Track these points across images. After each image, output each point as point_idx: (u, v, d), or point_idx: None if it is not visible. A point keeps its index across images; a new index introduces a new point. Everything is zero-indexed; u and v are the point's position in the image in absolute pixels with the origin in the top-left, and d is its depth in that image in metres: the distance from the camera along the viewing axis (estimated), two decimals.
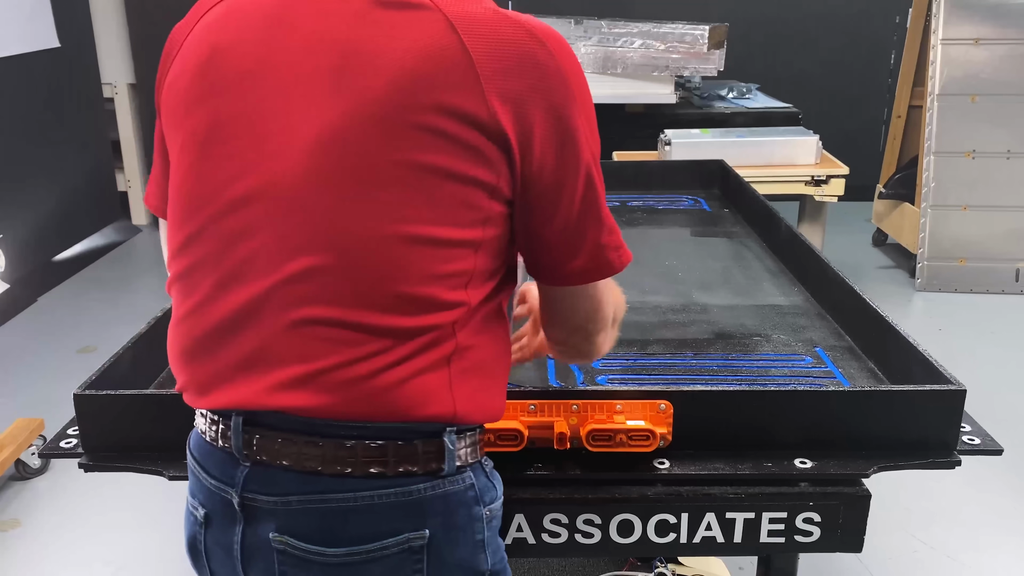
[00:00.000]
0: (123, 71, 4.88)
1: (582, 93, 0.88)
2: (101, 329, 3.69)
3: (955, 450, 1.23)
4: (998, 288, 4.09)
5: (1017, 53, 4.01)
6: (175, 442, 1.22)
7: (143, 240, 4.98)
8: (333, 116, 0.83)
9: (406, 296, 0.85)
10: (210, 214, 0.89)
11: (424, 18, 0.84)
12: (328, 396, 0.85)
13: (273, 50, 0.87)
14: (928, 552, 2.32)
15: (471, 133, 0.83)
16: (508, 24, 0.85)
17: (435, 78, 0.82)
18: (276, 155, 0.85)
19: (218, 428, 0.92)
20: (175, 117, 0.93)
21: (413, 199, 0.84)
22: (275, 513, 0.90)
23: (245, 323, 0.87)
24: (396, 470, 0.88)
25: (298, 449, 0.88)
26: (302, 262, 0.84)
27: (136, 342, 1.41)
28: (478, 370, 0.92)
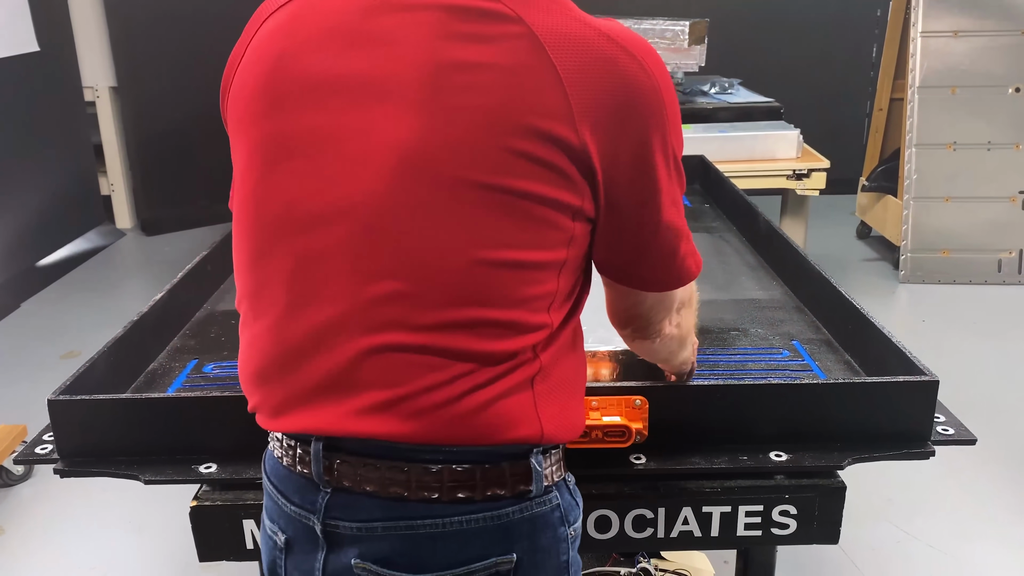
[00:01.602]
0: (104, 74, 4.85)
1: (672, 109, 0.85)
2: (85, 334, 3.67)
3: (929, 440, 1.24)
4: (980, 279, 4.11)
5: (995, 45, 4.03)
6: (151, 446, 1.22)
7: (127, 244, 4.96)
8: (417, 135, 0.80)
9: (490, 320, 0.83)
10: (282, 231, 0.86)
11: (509, 32, 0.80)
12: (413, 421, 0.83)
13: (347, 61, 0.83)
14: (911, 542, 2.33)
15: (559, 156, 0.80)
16: (599, 38, 0.81)
17: (523, 100, 0.79)
18: (357, 174, 0.82)
19: (295, 453, 0.90)
20: (241, 126, 0.90)
21: (499, 223, 0.81)
22: (359, 539, 0.88)
23: (323, 346, 0.84)
24: (484, 494, 0.86)
25: (382, 475, 0.85)
26: (384, 286, 0.82)
27: (112, 346, 1.40)
28: (561, 388, 0.90)
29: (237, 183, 0.92)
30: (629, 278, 0.95)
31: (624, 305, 1.00)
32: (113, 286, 4.35)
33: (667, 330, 1.04)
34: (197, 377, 1.49)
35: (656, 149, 0.85)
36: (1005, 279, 4.11)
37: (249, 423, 1.22)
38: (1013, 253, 4.10)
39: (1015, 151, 4.06)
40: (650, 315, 1.01)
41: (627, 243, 0.90)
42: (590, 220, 0.87)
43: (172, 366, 1.54)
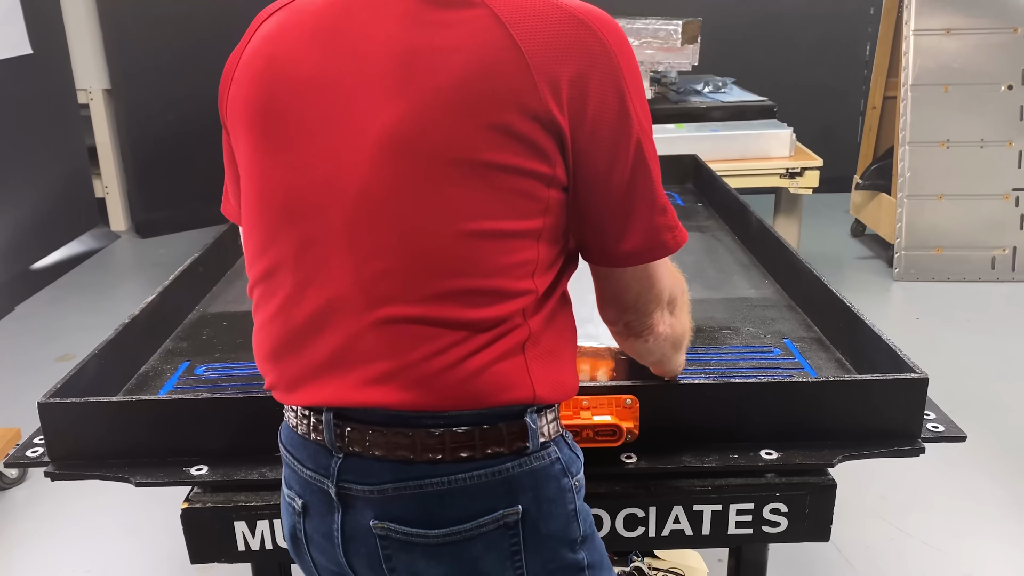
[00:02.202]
0: (98, 76, 4.85)
1: (631, 72, 0.89)
2: (80, 337, 3.67)
3: (919, 437, 1.24)
4: (974, 276, 4.12)
5: (988, 43, 4.04)
6: (142, 448, 1.22)
7: (121, 246, 4.96)
8: (396, 119, 0.86)
9: (478, 289, 0.88)
10: (284, 219, 0.92)
11: (471, 16, 0.86)
12: (413, 390, 0.89)
13: (330, 57, 0.90)
14: (905, 539, 2.34)
15: (528, 127, 0.85)
16: (553, 11, 0.87)
17: (489, 76, 0.85)
18: (344, 160, 0.88)
19: (309, 422, 0.96)
20: (240, 128, 0.97)
21: (478, 196, 0.87)
22: (372, 501, 0.93)
23: (327, 323, 0.91)
24: (484, 452, 0.92)
25: (388, 439, 0.91)
26: (377, 264, 0.88)
27: (103, 349, 1.40)
28: (551, 353, 0.95)
29: (244, 178, 0.98)
30: (606, 252, 0.96)
31: (611, 294, 1.02)
32: (108, 288, 4.34)
33: (660, 328, 1.06)
34: (189, 379, 1.49)
35: (618, 109, 0.88)
36: (999, 276, 4.12)
37: (239, 425, 1.23)
38: (1006, 250, 4.11)
39: (1008, 148, 4.06)
40: (638, 304, 1.02)
41: (599, 206, 0.92)
42: (564, 189, 0.91)
43: (164, 368, 1.54)
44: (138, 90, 4.83)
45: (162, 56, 4.78)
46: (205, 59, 4.94)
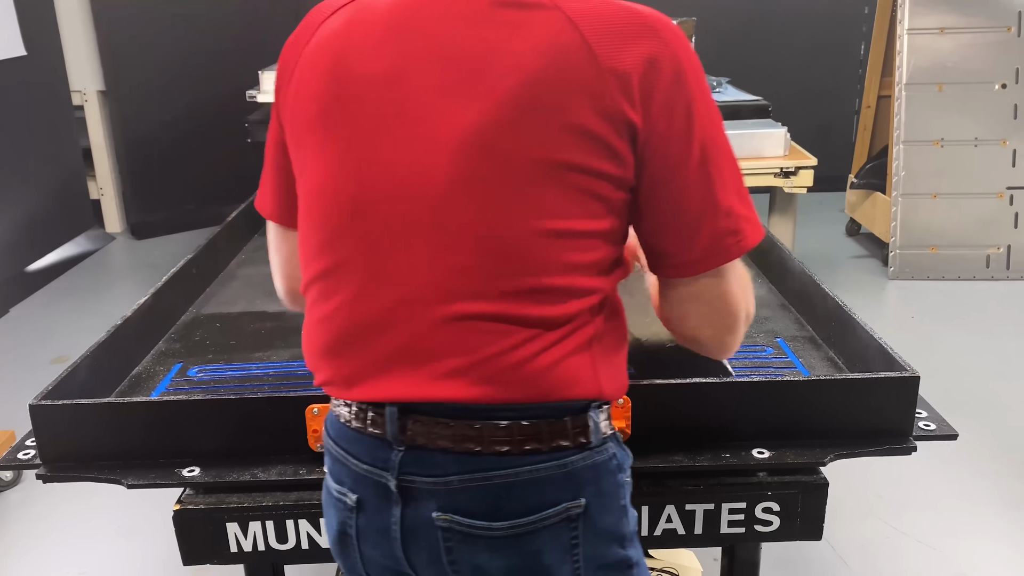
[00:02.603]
0: (92, 78, 4.84)
1: (696, 76, 0.91)
2: (75, 339, 3.65)
3: (911, 436, 1.24)
4: (969, 275, 4.13)
5: (981, 42, 4.05)
6: (134, 450, 1.22)
7: (117, 248, 4.95)
8: (472, 118, 0.87)
9: (551, 287, 0.89)
10: (354, 216, 0.92)
11: (545, 18, 0.87)
12: (484, 384, 0.89)
13: (402, 55, 0.91)
14: (900, 538, 2.34)
15: (602, 126, 0.86)
16: (624, 14, 0.89)
17: (564, 77, 0.86)
18: (419, 158, 0.89)
19: (367, 416, 0.96)
20: (304, 124, 0.96)
21: (554, 195, 0.88)
22: (435, 493, 0.93)
23: (396, 318, 0.91)
24: (551, 445, 0.92)
25: (454, 432, 0.92)
26: (454, 259, 0.89)
27: (95, 351, 1.40)
28: (612, 350, 0.97)
29: (305, 175, 0.98)
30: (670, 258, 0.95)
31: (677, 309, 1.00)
32: (103, 290, 4.33)
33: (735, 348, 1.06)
34: (181, 381, 1.49)
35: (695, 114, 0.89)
36: (993, 275, 4.13)
37: (231, 427, 1.23)
38: (1001, 249, 4.12)
39: (1002, 147, 4.07)
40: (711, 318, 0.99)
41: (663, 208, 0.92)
42: (630, 190, 0.92)
43: (156, 370, 1.54)
44: (133, 91, 4.82)
45: (156, 57, 4.78)
46: (199, 60, 4.95)
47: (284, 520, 1.21)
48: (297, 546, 1.23)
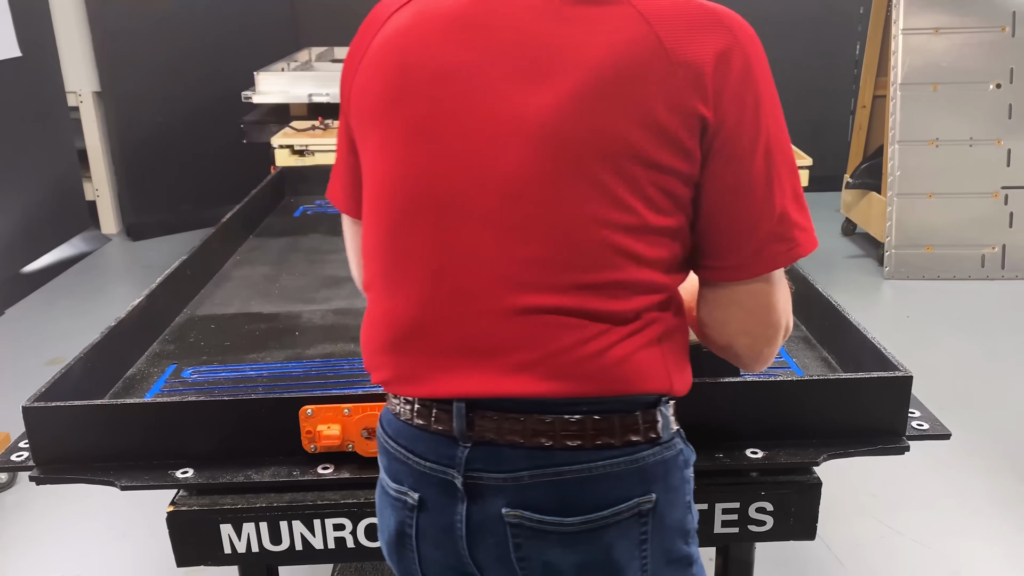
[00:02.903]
0: (87, 79, 4.84)
1: (765, 75, 0.90)
2: (70, 340, 3.64)
3: (904, 436, 1.24)
4: (964, 274, 4.13)
5: (975, 41, 4.06)
6: (127, 452, 1.22)
7: (112, 249, 4.94)
8: (542, 111, 0.86)
9: (620, 282, 0.89)
10: (420, 208, 0.91)
11: (618, 13, 0.87)
12: (555, 378, 0.88)
13: (469, 49, 0.90)
14: (895, 537, 2.34)
15: (674, 122, 0.86)
16: (694, 9, 0.88)
17: (637, 71, 0.85)
18: (488, 150, 0.88)
19: (431, 413, 0.94)
20: (371, 117, 0.96)
21: (621, 190, 0.87)
22: (504, 489, 0.92)
23: (467, 312, 0.90)
24: (623, 440, 0.92)
25: (525, 426, 0.90)
26: (524, 251, 0.88)
27: (89, 352, 1.40)
28: (680, 346, 0.96)
29: (371, 168, 0.97)
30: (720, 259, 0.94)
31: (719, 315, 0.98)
32: (98, 292, 4.33)
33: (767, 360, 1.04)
34: (176, 382, 1.49)
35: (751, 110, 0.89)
36: (988, 274, 4.13)
37: (225, 428, 1.22)
38: (996, 248, 4.13)
39: (996, 147, 4.08)
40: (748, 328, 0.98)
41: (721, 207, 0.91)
42: (696, 186, 0.91)
43: (151, 371, 1.54)
44: (128, 92, 4.81)
45: (152, 58, 4.77)
46: (195, 61, 4.94)
47: (278, 521, 1.21)
48: (291, 547, 1.23)
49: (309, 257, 2.10)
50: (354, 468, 1.22)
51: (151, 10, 4.72)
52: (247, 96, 3.71)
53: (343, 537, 1.22)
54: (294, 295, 1.86)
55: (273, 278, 1.97)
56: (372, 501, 1.21)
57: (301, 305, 1.80)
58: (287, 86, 3.66)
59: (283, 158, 3.17)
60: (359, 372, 1.49)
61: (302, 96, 3.60)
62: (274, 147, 3.20)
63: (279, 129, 3.40)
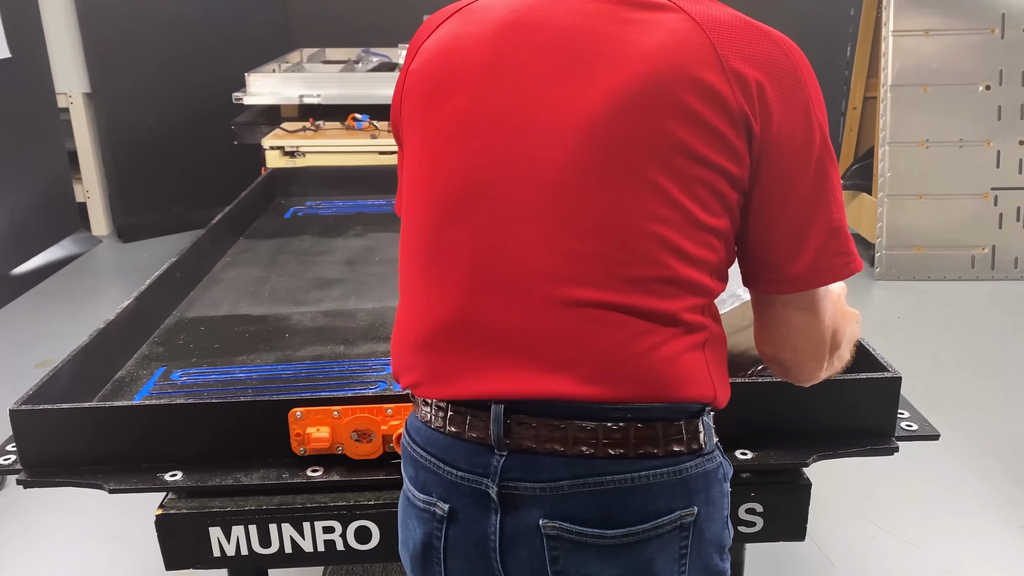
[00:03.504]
0: (78, 80, 4.81)
1: (815, 91, 0.91)
2: (60, 343, 3.60)
3: (893, 436, 1.25)
4: (955, 275, 4.15)
5: (965, 43, 4.07)
6: (116, 455, 1.22)
7: (103, 251, 4.92)
8: (589, 104, 0.86)
9: (667, 278, 0.87)
10: (464, 201, 0.90)
11: (672, 18, 0.88)
12: (600, 379, 0.86)
13: (516, 47, 0.91)
14: (886, 537, 2.35)
15: (719, 117, 0.86)
16: (746, 24, 0.90)
17: (687, 69, 0.86)
18: (536, 144, 0.88)
19: (465, 419, 0.91)
20: (416, 118, 0.96)
21: (673, 184, 0.86)
22: (541, 500, 0.89)
23: (507, 308, 0.88)
24: (667, 450, 0.89)
25: (566, 433, 0.87)
26: (567, 246, 0.86)
27: (78, 355, 1.39)
28: (721, 356, 0.94)
29: (414, 167, 0.96)
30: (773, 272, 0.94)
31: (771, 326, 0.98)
32: (89, 294, 4.30)
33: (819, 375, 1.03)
34: (165, 384, 1.48)
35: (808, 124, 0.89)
36: (978, 275, 4.15)
37: (214, 431, 1.22)
38: (986, 249, 4.14)
39: (986, 148, 4.10)
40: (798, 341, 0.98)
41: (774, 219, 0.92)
42: (744, 193, 0.91)
43: (140, 374, 1.53)
44: (119, 93, 4.79)
45: (143, 59, 4.75)
46: (186, 61, 4.92)
47: (267, 524, 1.21)
48: (280, 550, 1.22)
49: (299, 259, 2.10)
50: (343, 471, 1.22)
51: (142, 11, 4.70)
52: (238, 97, 3.70)
53: (333, 540, 1.22)
54: (284, 297, 1.85)
55: (263, 280, 1.96)
56: (362, 503, 1.21)
57: (291, 307, 1.79)
58: (278, 87, 3.65)
59: (274, 159, 3.16)
60: (349, 374, 1.49)
61: (293, 97, 3.60)
62: (265, 148, 3.19)
63: (270, 130, 3.40)
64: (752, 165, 0.89)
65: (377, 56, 4.17)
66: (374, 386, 1.43)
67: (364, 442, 1.21)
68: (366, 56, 4.21)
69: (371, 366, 1.51)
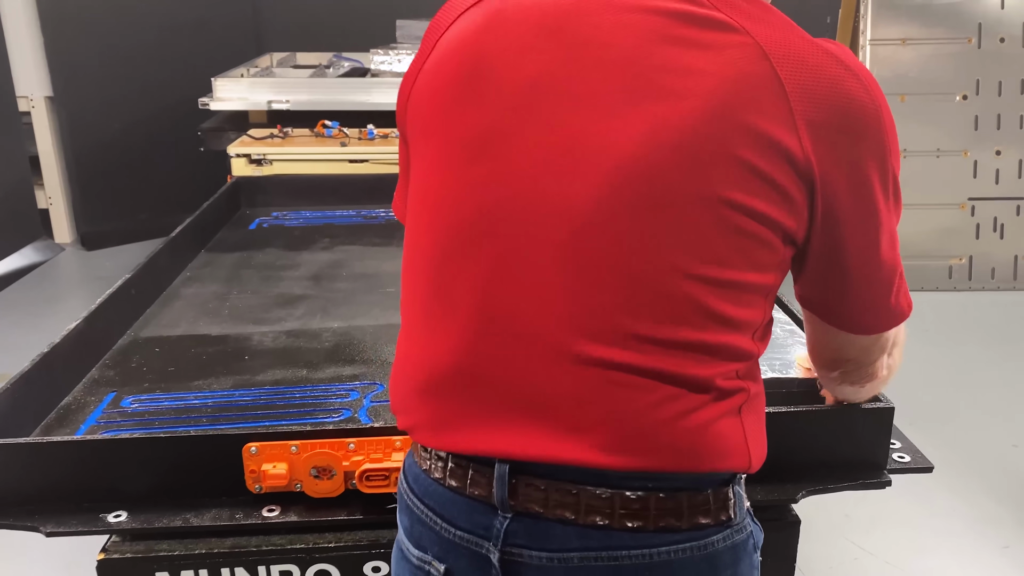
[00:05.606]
0: (39, 83, 4.68)
1: (893, 137, 0.82)
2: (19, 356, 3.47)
3: (885, 469, 1.19)
4: (932, 286, 4.13)
5: (943, 52, 4.06)
6: (54, 494, 1.13)
7: (66, 259, 4.79)
8: (633, 140, 0.76)
9: (702, 344, 0.78)
10: (475, 233, 0.80)
11: (733, 42, 0.77)
12: (618, 446, 0.77)
13: (556, 61, 0.79)
14: (868, 558, 2.30)
15: (780, 170, 0.76)
16: (824, 56, 0.78)
17: (745, 104, 0.75)
18: (564, 177, 0.78)
19: (467, 474, 0.82)
20: (429, 125, 0.85)
21: (714, 238, 0.77)
22: (548, 571, 0.80)
23: (517, 358, 0.79)
24: (692, 523, 0.81)
25: (578, 500, 0.79)
26: (588, 297, 0.77)
27: (16, 383, 1.30)
28: (759, 416, 0.86)
29: (418, 182, 0.87)
30: (837, 317, 0.89)
31: (831, 347, 0.94)
32: (51, 304, 4.18)
33: (881, 374, 0.99)
34: (114, 413, 1.39)
35: (875, 175, 0.81)
36: (956, 286, 4.13)
37: (161, 467, 1.13)
38: (963, 259, 4.13)
39: (963, 158, 4.08)
40: (862, 357, 0.95)
41: (837, 276, 0.85)
42: (796, 246, 0.82)
43: (88, 400, 1.44)
44: (82, 97, 4.66)
45: (107, 62, 4.63)
46: (152, 65, 4.81)
47: (219, 568, 1.12)
48: None
49: (262, 274, 2.01)
50: (302, 510, 1.13)
51: (106, 12, 4.58)
52: (204, 103, 3.60)
53: None
54: (245, 315, 1.76)
55: (223, 296, 1.87)
56: (322, 545, 1.14)
57: (252, 326, 1.71)
58: (246, 92, 3.56)
59: (240, 167, 3.06)
60: (311, 401, 1.40)
61: (261, 103, 3.50)
62: (230, 156, 3.09)
63: (237, 137, 3.30)
64: (814, 217, 0.80)
65: (349, 61, 4.08)
66: (337, 414, 1.35)
67: (324, 479, 1.13)
68: (337, 61, 4.12)
69: (335, 391, 1.42)
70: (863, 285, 0.86)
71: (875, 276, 0.85)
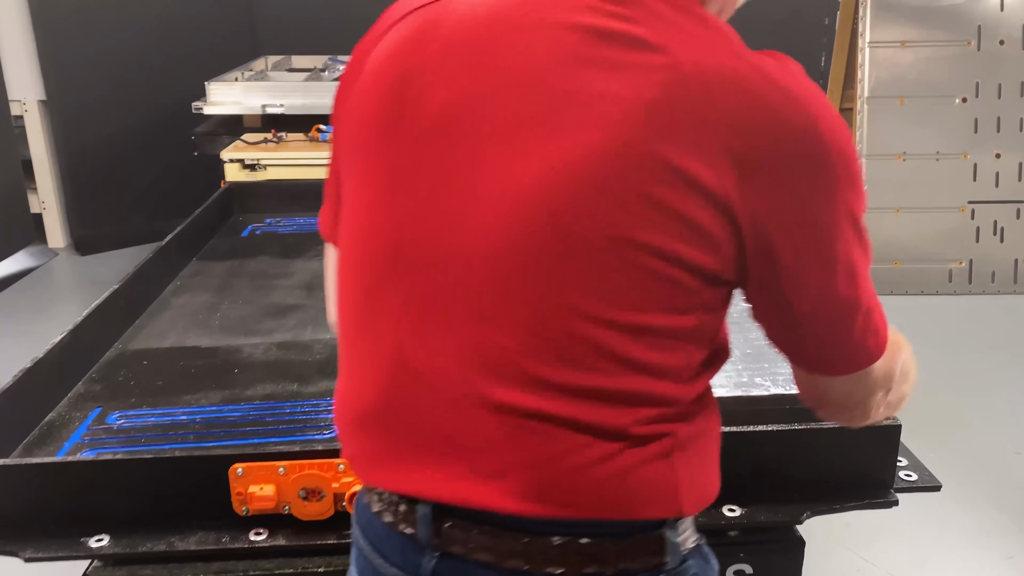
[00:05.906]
0: (32, 87, 4.64)
1: (846, 164, 0.73)
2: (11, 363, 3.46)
3: (892, 488, 1.16)
4: (932, 289, 4.10)
5: (942, 55, 4.03)
6: (34, 517, 1.09)
7: (60, 264, 4.75)
8: (534, 177, 0.72)
9: (611, 392, 0.73)
10: (392, 266, 0.78)
11: (650, 63, 0.70)
12: (533, 494, 0.74)
13: (466, 88, 0.75)
14: (870, 569, 2.27)
15: (697, 208, 0.70)
16: (756, 76, 0.70)
17: (658, 135, 0.69)
18: (476, 212, 0.74)
19: (398, 511, 0.81)
20: (357, 145, 0.82)
21: (622, 282, 0.72)
22: None
23: (432, 398, 0.76)
24: (616, 568, 0.77)
25: (498, 544, 0.77)
26: (494, 339, 0.73)
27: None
28: (701, 456, 0.80)
29: (347, 205, 0.85)
30: (796, 355, 0.83)
31: (810, 386, 0.87)
32: (44, 310, 4.14)
33: (875, 415, 0.90)
34: (99, 430, 1.36)
35: (821, 207, 0.73)
36: (956, 289, 4.10)
37: (145, 489, 1.10)
38: (963, 263, 4.10)
39: (963, 161, 4.05)
40: (843, 400, 0.87)
41: (784, 313, 0.78)
42: (728, 283, 0.76)
43: (72, 416, 1.40)
44: (75, 101, 4.62)
45: (100, 65, 4.59)
46: (146, 68, 4.77)
47: None
48: None
49: (254, 283, 1.98)
50: (290, 533, 1.10)
51: (99, 16, 4.55)
52: (198, 107, 3.56)
53: None
54: (235, 326, 1.73)
55: (214, 307, 1.84)
56: (311, 570, 1.11)
57: (242, 338, 1.67)
58: (240, 96, 3.52)
59: (233, 173, 3.03)
60: (301, 417, 1.37)
61: (255, 107, 3.46)
62: (224, 161, 3.06)
63: (231, 141, 3.26)
64: (743, 253, 0.73)
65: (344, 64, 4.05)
66: (328, 431, 1.31)
67: (313, 501, 1.09)
68: (332, 64, 4.09)
69: (325, 407, 1.39)
70: (817, 323, 0.78)
71: (830, 315, 0.78)
